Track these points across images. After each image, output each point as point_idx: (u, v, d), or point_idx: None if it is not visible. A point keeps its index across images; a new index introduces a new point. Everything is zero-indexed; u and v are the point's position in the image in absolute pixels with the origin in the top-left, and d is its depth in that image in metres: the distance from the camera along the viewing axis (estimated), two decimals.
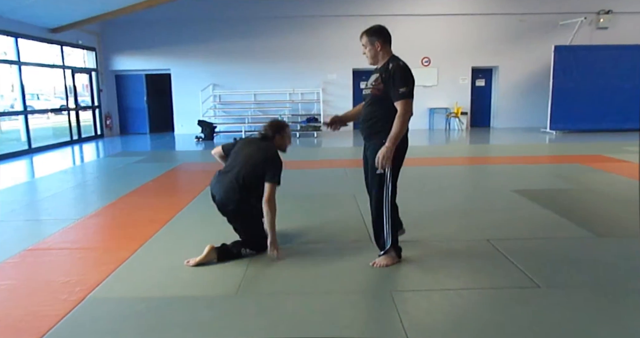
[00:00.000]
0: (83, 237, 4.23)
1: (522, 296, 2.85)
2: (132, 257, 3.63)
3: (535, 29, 13.65)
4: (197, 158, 9.61)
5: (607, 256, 3.50)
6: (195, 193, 5.82)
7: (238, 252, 3.57)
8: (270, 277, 3.23)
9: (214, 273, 3.32)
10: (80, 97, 13.48)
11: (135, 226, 4.54)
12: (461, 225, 4.33)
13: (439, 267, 3.34)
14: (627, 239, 3.87)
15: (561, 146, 10.24)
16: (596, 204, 5.11)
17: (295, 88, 13.69)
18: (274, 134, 3.69)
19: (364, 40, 3.32)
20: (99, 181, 7.12)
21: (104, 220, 4.80)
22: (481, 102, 14.47)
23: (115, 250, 3.81)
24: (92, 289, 3.05)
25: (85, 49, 13.09)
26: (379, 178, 3.26)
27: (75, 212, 5.08)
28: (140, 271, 3.37)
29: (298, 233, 4.14)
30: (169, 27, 13.62)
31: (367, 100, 3.34)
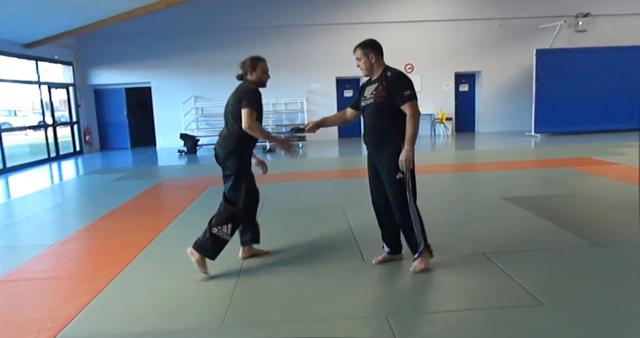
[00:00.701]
0: (56, 265, 3.98)
1: (527, 316, 2.68)
2: (108, 287, 3.39)
3: (515, 33, 13.69)
4: (180, 173, 9.35)
5: (609, 267, 3.37)
6: (178, 212, 5.58)
7: (215, 237, 3.40)
8: (259, 303, 3.02)
9: (199, 300, 3.11)
10: (59, 113, 13.17)
11: (113, 251, 4.29)
12: (454, 237, 4.17)
13: (436, 286, 3.17)
14: (625, 247, 3.74)
15: (547, 150, 10.20)
16: (589, 210, 5.00)
17: (279, 98, 13.50)
18: (246, 71, 3.62)
19: (358, 53, 3.41)
20: (76, 201, 6.84)
21: (80, 245, 4.55)
22: (465, 107, 14.45)
23: (90, 279, 3.57)
24: (64, 327, 2.81)
25: (62, 64, 12.76)
26: (400, 184, 3.30)
27: (50, 236, 4.80)
28: (117, 302, 3.14)
29: (285, 251, 3.94)
30: (148, 39, 13.38)
31: (368, 110, 3.39)
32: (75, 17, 9.33)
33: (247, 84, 3.56)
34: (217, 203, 3.63)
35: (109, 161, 11.66)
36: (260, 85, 3.63)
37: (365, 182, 3.63)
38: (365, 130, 3.48)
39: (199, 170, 9.75)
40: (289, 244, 4.13)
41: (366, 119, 3.45)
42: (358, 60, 3.40)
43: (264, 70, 3.65)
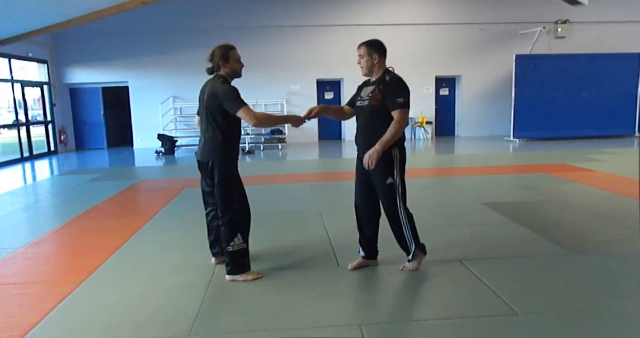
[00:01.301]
0: (22, 269, 3.83)
1: (501, 326, 2.65)
2: (75, 292, 3.27)
3: (496, 38, 13.83)
4: (156, 174, 9.18)
5: (583, 275, 3.36)
6: (152, 214, 5.46)
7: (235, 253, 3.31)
8: (228, 311, 2.94)
9: (166, 308, 3.01)
10: (34, 112, 12.86)
11: (82, 255, 4.16)
12: (431, 243, 4.07)
13: (411, 295, 3.13)
14: (599, 255, 3.75)
15: (526, 155, 10.30)
16: (566, 217, 5.03)
17: (259, 99, 13.38)
18: (218, 63, 3.31)
19: (362, 51, 3.33)
20: (48, 203, 6.64)
21: (49, 248, 4.40)
22: (445, 111, 14.53)
23: (56, 284, 3.43)
24: (25, 334, 2.69)
25: (37, 62, 12.46)
26: (390, 188, 3.30)
27: (17, 239, 4.63)
28: (81, 309, 3.02)
29: (259, 257, 3.84)
30: (126, 38, 13.16)
31: (363, 112, 3.36)
32: (48, 14, 9.11)
33: (221, 83, 3.25)
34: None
35: (85, 161, 11.41)
36: (235, 76, 3.39)
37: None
38: (357, 132, 3.45)
39: (176, 171, 9.60)
40: (263, 250, 4.04)
41: (359, 121, 3.43)
42: (360, 57, 3.33)
43: (236, 59, 3.37)
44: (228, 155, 3.33)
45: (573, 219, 4.90)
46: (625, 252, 3.80)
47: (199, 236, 4.57)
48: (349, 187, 7.33)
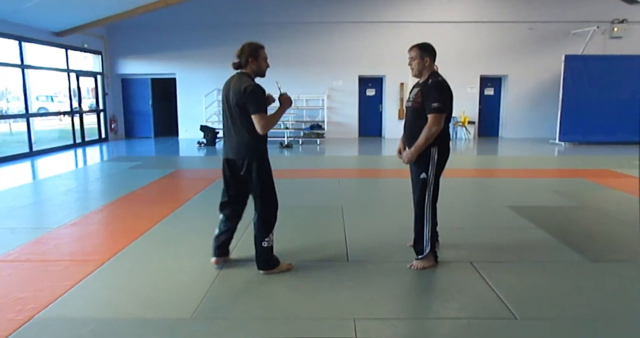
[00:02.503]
0: (53, 248, 4.10)
1: (495, 329, 2.64)
2: (95, 272, 3.49)
3: (546, 37, 13.36)
4: (194, 164, 9.50)
5: (598, 285, 3.27)
6: (181, 202, 5.69)
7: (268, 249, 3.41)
8: (231, 299, 3.06)
9: (176, 291, 3.16)
10: (87, 101, 13.54)
11: (110, 237, 4.42)
12: (445, 243, 4.10)
13: (412, 292, 3.15)
14: (619, 264, 3.63)
15: (568, 159, 9.94)
16: (594, 224, 4.86)
17: (300, 94, 13.54)
18: (247, 60, 3.30)
19: (413, 53, 3.47)
20: (89, 187, 7.02)
21: (80, 230, 4.67)
22: (490, 112, 14.18)
23: (81, 264, 3.67)
24: (44, 308, 2.91)
25: (91, 53, 13.10)
26: (422, 183, 3.44)
27: (54, 220, 4.96)
28: (98, 288, 3.23)
29: None
30: (174, 31, 13.61)
31: (408, 113, 3.55)
32: (101, 7, 9.60)
33: (247, 80, 3.23)
34: (220, 196, 3.62)
35: (131, 149, 11.92)
36: (260, 75, 3.38)
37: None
38: (404, 131, 3.64)
39: (213, 161, 9.86)
40: (278, 242, 4.14)
41: (406, 120, 3.63)
42: (412, 59, 3.45)
43: (264, 58, 3.39)
44: (264, 150, 3.37)
45: (600, 227, 4.73)
46: None
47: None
48: (380, 184, 7.34)
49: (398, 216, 5.02)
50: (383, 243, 3.99)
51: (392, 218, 4.94)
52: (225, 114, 3.36)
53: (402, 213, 5.08)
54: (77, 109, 12.38)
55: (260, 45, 3.40)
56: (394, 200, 5.76)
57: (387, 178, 7.64)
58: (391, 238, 4.22)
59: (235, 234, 3.69)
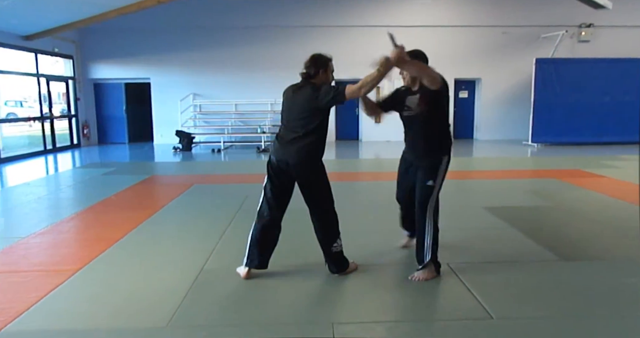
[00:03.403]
0: (21, 258, 3.98)
1: (471, 329, 2.66)
2: (66, 282, 3.39)
3: (517, 41, 13.62)
4: (170, 170, 9.37)
5: (570, 283, 3.32)
6: (156, 209, 5.60)
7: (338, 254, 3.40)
8: (208, 307, 3.00)
9: (151, 300, 3.10)
10: (59, 106, 13.25)
11: (82, 246, 4.31)
12: None
13: (389, 296, 3.14)
14: (591, 263, 3.70)
15: (540, 160, 10.13)
16: (566, 223, 4.95)
17: (277, 98, 13.45)
18: (317, 71, 3.26)
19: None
20: (60, 195, 6.85)
21: (51, 239, 4.54)
22: (464, 114, 14.37)
23: (51, 274, 3.57)
24: (12, 320, 2.81)
25: (62, 57, 12.83)
26: (428, 190, 3.34)
27: (23, 229, 4.81)
28: (70, 299, 3.14)
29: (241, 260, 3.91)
30: (148, 35, 13.42)
31: (414, 123, 3.39)
32: (72, 10, 9.41)
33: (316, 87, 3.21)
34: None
35: (105, 155, 11.70)
36: None
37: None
38: (409, 140, 3.51)
39: (189, 167, 9.77)
40: None
41: (411, 131, 3.46)
42: (400, 73, 3.37)
43: (332, 70, 3.35)
44: (321, 156, 3.35)
45: (573, 226, 4.82)
46: (618, 260, 3.74)
47: (195, 232, 4.70)
48: (359, 187, 7.35)
49: (376, 219, 5.04)
50: (361, 247, 3.98)
51: (370, 222, 4.95)
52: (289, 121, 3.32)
53: (381, 216, 5.11)
54: (47, 114, 12.10)
55: (329, 58, 3.35)
56: (372, 203, 5.77)
57: (365, 181, 7.67)
58: (369, 241, 4.23)
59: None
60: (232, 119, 13.61)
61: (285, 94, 3.43)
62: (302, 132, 3.21)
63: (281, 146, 3.33)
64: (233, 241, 4.30)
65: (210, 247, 4.11)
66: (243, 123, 13.59)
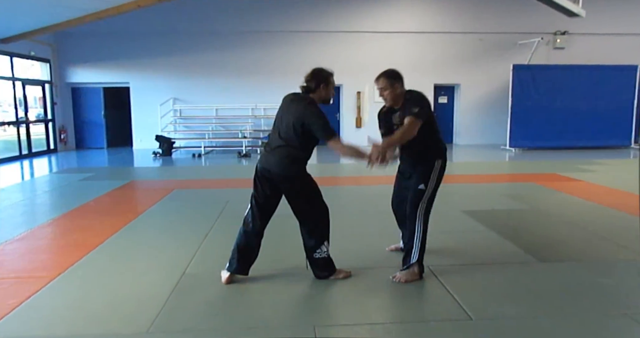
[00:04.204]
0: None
1: (450, 330, 2.71)
2: (44, 289, 3.34)
3: (494, 48, 13.88)
4: (150, 175, 9.28)
5: (547, 283, 3.40)
6: (136, 214, 5.54)
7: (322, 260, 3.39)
8: (189, 312, 2.99)
9: (131, 306, 3.07)
10: (34, 110, 13.02)
11: (59, 252, 4.25)
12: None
13: (369, 299, 3.17)
14: (567, 264, 3.79)
15: (518, 164, 10.32)
16: (543, 226, 5.06)
17: (258, 103, 13.50)
18: (318, 85, 3.26)
19: (382, 83, 3.38)
20: (36, 200, 6.74)
21: (27, 245, 4.47)
22: (444, 119, 14.52)
23: (28, 281, 3.51)
24: None
25: (39, 61, 12.63)
26: (419, 194, 3.40)
27: (0, 235, 4.73)
28: (48, 305, 3.09)
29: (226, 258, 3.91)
30: (127, 39, 13.31)
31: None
32: (49, 14, 9.27)
33: (313, 107, 3.21)
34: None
35: (82, 160, 11.53)
36: (326, 102, 3.33)
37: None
38: (402, 151, 3.53)
39: (169, 172, 9.69)
40: None
41: (402, 148, 3.51)
42: (382, 89, 3.38)
43: (333, 85, 3.37)
44: (304, 169, 3.34)
45: (549, 228, 4.93)
46: (593, 261, 3.84)
47: (175, 237, 4.67)
48: (340, 192, 7.39)
49: (358, 223, 5.07)
50: (343, 251, 4.00)
51: (352, 226, 4.97)
52: (278, 130, 3.31)
53: (362, 220, 5.16)
54: (23, 118, 11.89)
55: (331, 73, 3.35)
56: (353, 207, 5.79)
57: (347, 186, 7.70)
58: (351, 245, 4.25)
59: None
60: (213, 124, 13.56)
61: (284, 100, 3.41)
62: (286, 141, 3.23)
63: (266, 154, 3.35)
64: (214, 246, 4.29)
65: (191, 252, 4.09)
66: (224, 128, 13.55)
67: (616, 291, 3.26)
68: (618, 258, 3.94)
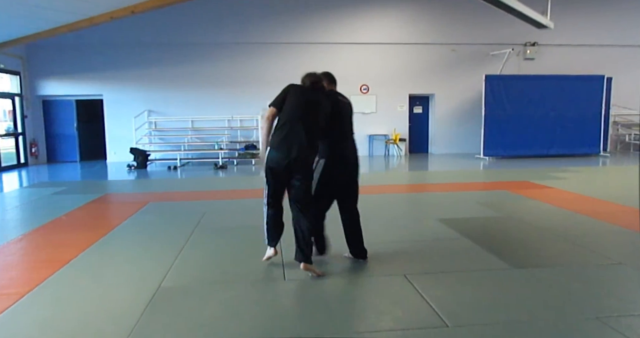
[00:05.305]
0: None
1: (427, 337, 2.72)
2: (14, 306, 3.24)
3: (467, 58, 14.17)
4: (124, 188, 9.14)
5: (522, 289, 3.45)
6: (110, 228, 5.44)
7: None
8: (165, 325, 2.94)
9: (105, 322, 3.00)
10: (3, 123, 12.73)
11: (30, 268, 4.14)
12: (378, 258, 4.18)
13: (346, 307, 3.17)
14: (541, 269, 3.85)
15: (492, 172, 10.50)
16: (516, 233, 5.15)
17: (234, 115, 13.46)
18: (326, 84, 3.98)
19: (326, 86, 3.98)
20: (5, 216, 6.55)
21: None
22: (419, 129, 14.75)
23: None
24: None
25: (8, 73, 12.38)
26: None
27: None
28: (17, 324, 3.00)
29: (211, 270, 3.87)
30: (100, 51, 13.17)
31: None
32: (19, 26, 9.13)
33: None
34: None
35: (54, 174, 11.28)
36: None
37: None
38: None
39: (144, 185, 9.56)
40: (216, 263, 4.08)
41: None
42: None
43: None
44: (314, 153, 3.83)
45: (522, 235, 5.02)
46: (566, 267, 3.91)
47: (150, 250, 4.60)
48: None
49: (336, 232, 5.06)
50: (318, 259, 4.00)
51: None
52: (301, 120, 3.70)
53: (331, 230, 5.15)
54: None
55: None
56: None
57: None
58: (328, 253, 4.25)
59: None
60: (188, 136, 13.46)
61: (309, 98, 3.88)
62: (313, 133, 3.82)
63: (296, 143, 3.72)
64: (191, 258, 4.25)
65: (167, 265, 4.04)
66: (200, 139, 13.45)
67: (588, 295, 3.33)
68: (589, 263, 4.02)
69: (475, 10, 13.28)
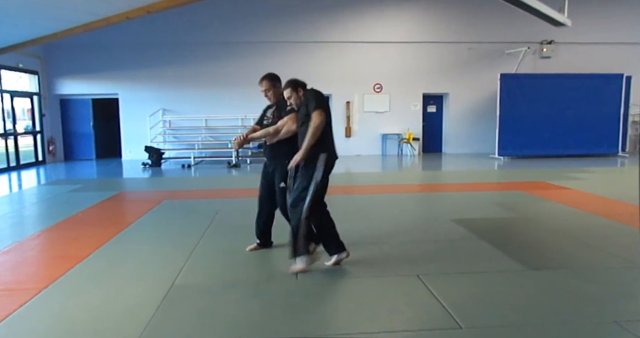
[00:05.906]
0: None
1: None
2: (31, 301, 3.29)
3: (482, 57, 14.03)
4: (139, 186, 9.22)
5: (537, 292, 3.41)
6: (124, 226, 5.50)
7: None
8: (178, 322, 2.95)
9: (119, 318, 3.03)
10: (22, 122, 12.93)
11: (47, 264, 4.20)
12: (393, 258, 4.17)
13: (360, 307, 3.16)
14: (556, 271, 3.80)
15: (507, 172, 10.39)
16: (531, 234, 5.09)
17: (248, 113, 13.50)
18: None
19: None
20: (24, 212, 6.66)
21: (14, 257, 4.41)
22: (433, 128, 14.66)
23: (16, 293, 3.46)
24: None
25: (27, 73, 12.56)
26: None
27: None
28: (35, 318, 3.05)
29: (222, 270, 3.89)
30: (116, 51, 13.30)
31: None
32: (36, 26, 9.25)
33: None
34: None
35: (71, 172, 11.44)
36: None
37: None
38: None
39: (159, 183, 9.63)
40: (229, 261, 4.09)
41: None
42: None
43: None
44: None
45: (537, 236, 4.96)
46: (582, 269, 3.86)
47: (164, 248, 4.63)
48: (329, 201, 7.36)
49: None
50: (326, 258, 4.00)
51: None
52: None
53: (346, 230, 5.14)
54: (11, 130, 11.80)
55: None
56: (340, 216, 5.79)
57: (336, 195, 7.69)
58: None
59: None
60: (202, 134, 13.53)
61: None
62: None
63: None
64: (204, 256, 4.27)
65: (181, 263, 4.06)
66: (213, 138, 13.52)
67: (605, 298, 3.27)
68: (607, 265, 3.96)
69: (490, 8, 13.16)
